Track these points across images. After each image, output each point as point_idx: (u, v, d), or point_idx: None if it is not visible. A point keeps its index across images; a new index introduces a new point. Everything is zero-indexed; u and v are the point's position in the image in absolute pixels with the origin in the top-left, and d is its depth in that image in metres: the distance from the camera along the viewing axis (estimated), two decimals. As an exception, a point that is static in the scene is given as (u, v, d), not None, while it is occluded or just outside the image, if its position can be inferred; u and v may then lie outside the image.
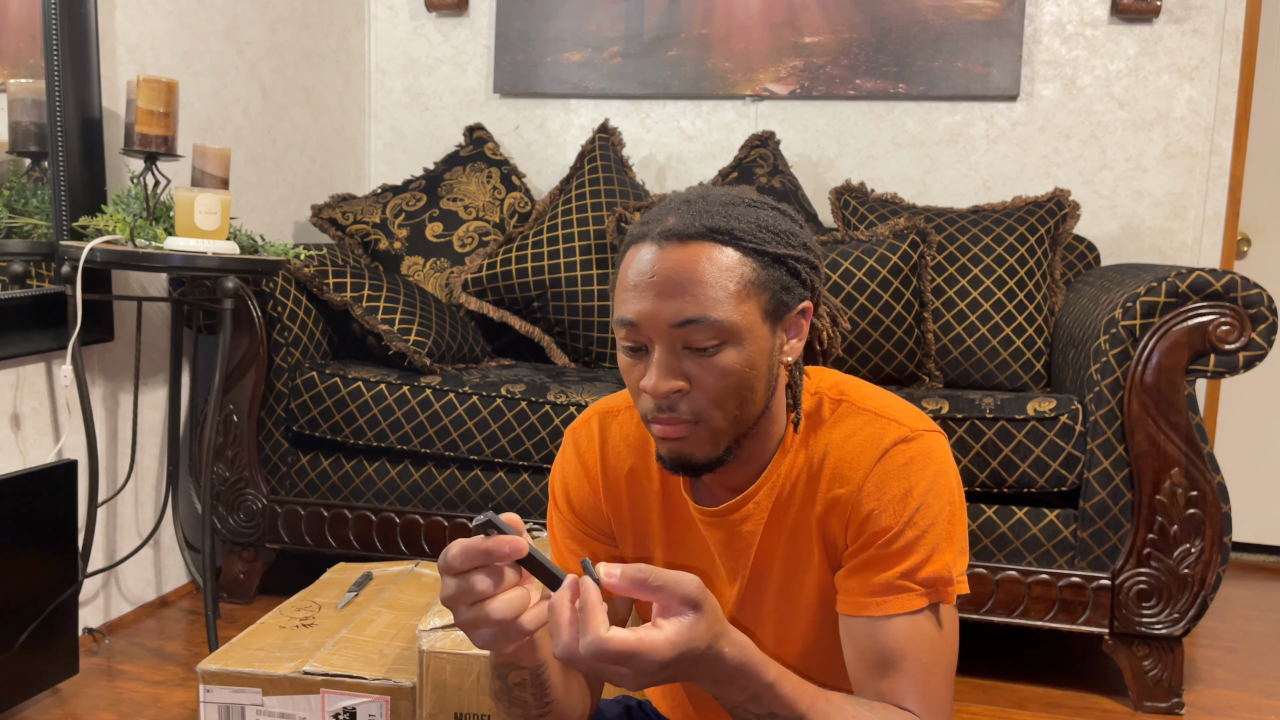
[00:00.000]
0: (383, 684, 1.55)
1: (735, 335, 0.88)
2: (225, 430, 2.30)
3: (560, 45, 3.04)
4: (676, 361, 0.89)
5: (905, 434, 0.94)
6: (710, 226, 0.89)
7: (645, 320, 0.88)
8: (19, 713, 1.81)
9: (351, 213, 2.73)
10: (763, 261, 0.89)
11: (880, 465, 0.93)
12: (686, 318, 0.87)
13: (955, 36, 2.79)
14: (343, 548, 2.30)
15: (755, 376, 0.90)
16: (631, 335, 0.90)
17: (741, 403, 0.90)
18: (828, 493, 0.96)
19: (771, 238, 0.90)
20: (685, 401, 0.89)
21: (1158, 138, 2.75)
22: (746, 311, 0.88)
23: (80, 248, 1.83)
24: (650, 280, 0.88)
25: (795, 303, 0.93)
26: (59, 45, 1.97)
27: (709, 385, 0.89)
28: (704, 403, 0.89)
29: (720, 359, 0.88)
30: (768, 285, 0.90)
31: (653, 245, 0.89)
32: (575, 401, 2.19)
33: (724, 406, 0.90)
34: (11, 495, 1.74)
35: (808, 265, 0.93)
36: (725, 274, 0.88)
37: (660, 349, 0.89)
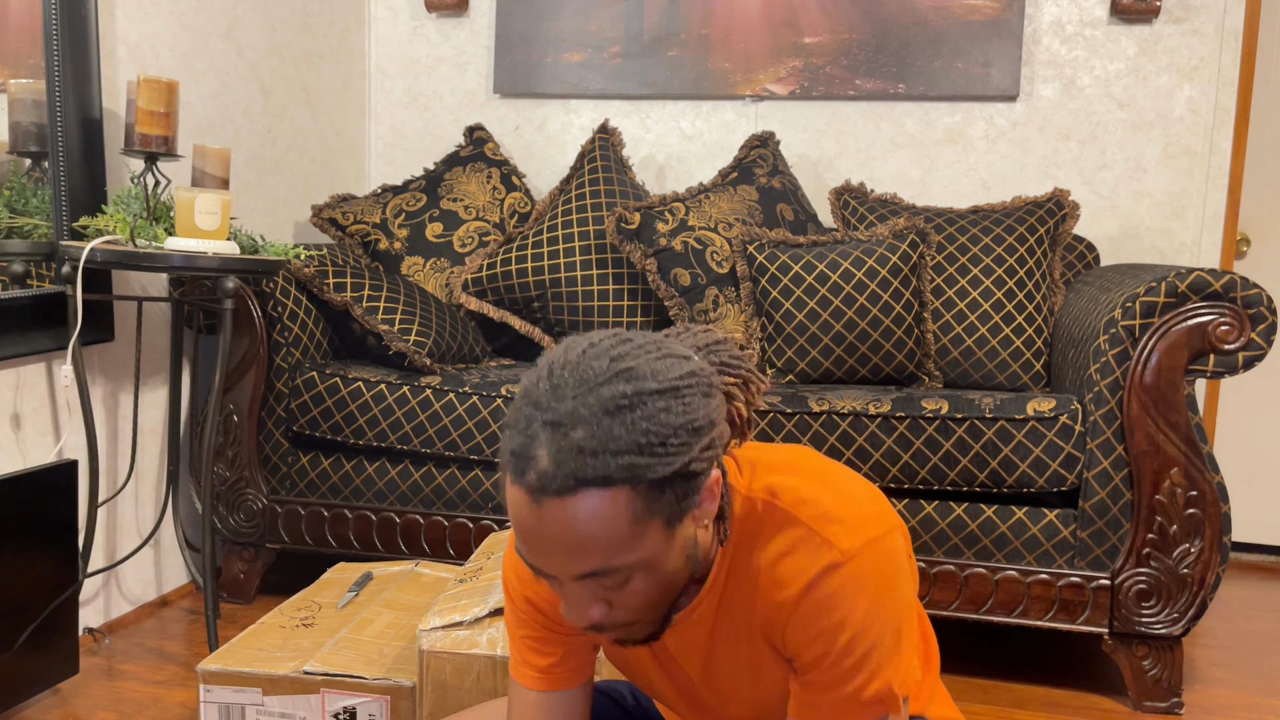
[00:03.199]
0: (383, 684, 1.55)
1: (642, 565, 0.84)
2: (225, 430, 2.30)
3: (560, 45, 3.05)
4: (591, 594, 0.86)
5: (835, 559, 0.88)
6: (581, 478, 0.79)
7: (548, 571, 0.85)
8: (19, 712, 1.81)
9: (351, 213, 2.73)
10: (651, 489, 0.81)
11: (808, 598, 0.89)
12: (587, 572, 0.83)
13: (955, 37, 2.80)
14: (343, 548, 2.30)
15: (675, 570, 0.87)
16: (538, 573, 0.87)
17: (665, 598, 0.89)
18: (765, 609, 0.93)
19: (650, 448, 0.80)
20: (609, 618, 0.88)
21: (1157, 138, 2.75)
22: (647, 543, 0.83)
23: (80, 248, 1.84)
24: (539, 539, 0.82)
25: (697, 493, 0.85)
26: (59, 45, 1.97)
27: (629, 605, 0.87)
28: (627, 614, 0.88)
29: (632, 587, 0.85)
30: (663, 506, 0.82)
31: (528, 499, 0.81)
32: (575, 401, 2.18)
33: (649, 607, 0.88)
34: (12, 495, 1.74)
35: (694, 455, 0.83)
36: (614, 523, 0.80)
37: (569, 587, 0.85)
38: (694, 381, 0.84)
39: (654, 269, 2.53)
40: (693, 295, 2.53)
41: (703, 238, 2.56)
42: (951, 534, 2.04)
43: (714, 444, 0.84)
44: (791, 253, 2.46)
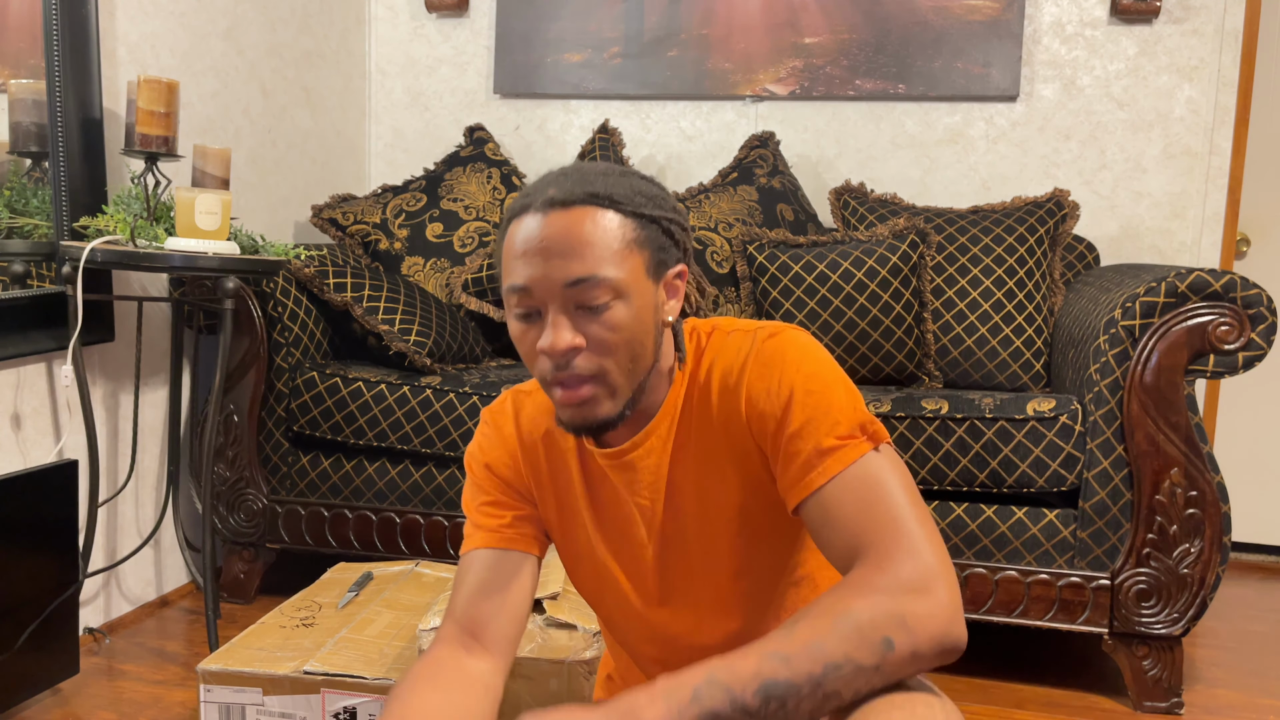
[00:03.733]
0: (383, 684, 1.55)
1: (623, 291, 0.93)
2: (226, 430, 2.30)
3: (560, 46, 3.05)
4: (570, 321, 0.93)
5: (771, 330, 1.00)
6: (590, 192, 0.94)
7: (537, 284, 0.92)
8: (19, 712, 1.81)
9: (352, 213, 2.73)
10: (641, 223, 0.95)
11: (752, 360, 0.98)
12: (577, 277, 0.91)
13: (955, 37, 2.80)
14: (343, 548, 2.30)
15: (644, 330, 0.95)
16: (524, 301, 0.94)
17: (634, 356, 0.95)
18: (720, 405, 1.00)
19: (646, 201, 0.96)
20: (582, 358, 0.94)
21: (1157, 138, 2.75)
22: (631, 269, 0.94)
23: (81, 248, 1.84)
24: (539, 245, 0.93)
25: (672, 262, 0.99)
26: (59, 45, 1.97)
27: (603, 340, 0.93)
28: (600, 358, 0.94)
29: (611, 315, 0.93)
30: (647, 244, 0.96)
31: (537, 214, 0.94)
32: (575, 401, 2.19)
33: (619, 359, 0.94)
34: (12, 495, 1.74)
35: (679, 228, 0.99)
36: (609, 234, 0.93)
37: (554, 310, 0.93)
38: (677, 206, 1.01)
39: (654, 269, 2.53)
40: (693, 295, 2.52)
41: (703, 238, 2.56)
42: (951, 534, 2.04)
43: (683, 244, 1.00)
44: (791, 253, 2.46)
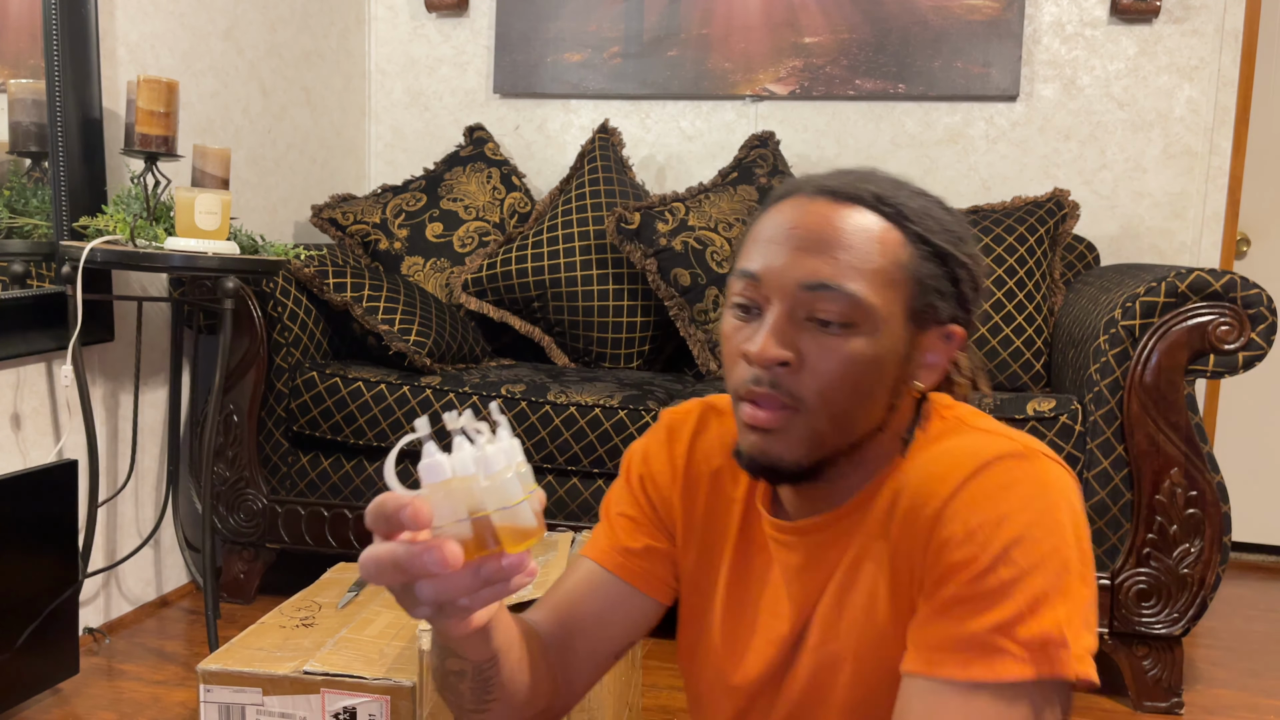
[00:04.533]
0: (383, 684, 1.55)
1: (869, 321, 0.74)
2: (225, 430, 2.30)
3: (560, 45, 3.04)
4: (793, 331, 0.74)
5: (1016, 450, 0.73)
6: (875, 193, 0.76)
7: (771, 275, 0.75)
8: (19, 713, 1.81)
9: (351, 213, 2.73)
10: (922, 250, 0.76)
11: (974, 481, 0.72)
12: (820, 281, 0.73)
13: (955, 37, 2.80)
14: (343, 548, 2.30)
15: (878, 381, 0.75)
16: (748, 291, 0.77)
17: (853, 406, 0.75)
18: (906, 514, 0.75)
19: (939, 229, 0.77)
20: (790, 379, 0.74)
21: (1157, 138, 2.75)
22: (889, 299, 0.74)
23: (80, 248, 1.84)
24: (789, 232, 0.75)
25: (944, 316, 0.78)
26: (59, 45, 1.97)
27: (823, 369, 0.74)
28: (811, 388, 0.74)
29: (843, 343, 0.73)
30: (921, 279, 0.76)
31: (802, 199, 0.77)
32: (575, 401, 2.19)
33: (832, 401, 0.74)
34: (12, 495, 1.74)
35: (970, 279, 0.79)
36: (877, 247, 0.74)
37: (778, 311, 0.75)
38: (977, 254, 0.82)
39: (654, 269, 2.53)
40: (693, 295, 2.53)
41: (703, 238, 2.56)
42: (951, 534, 2.03)
43: (966, 303, 0.80)
44: (791, 253, 2.46)
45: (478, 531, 0.57)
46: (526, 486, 0.59)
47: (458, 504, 0.57)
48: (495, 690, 0.78)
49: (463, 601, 0.62)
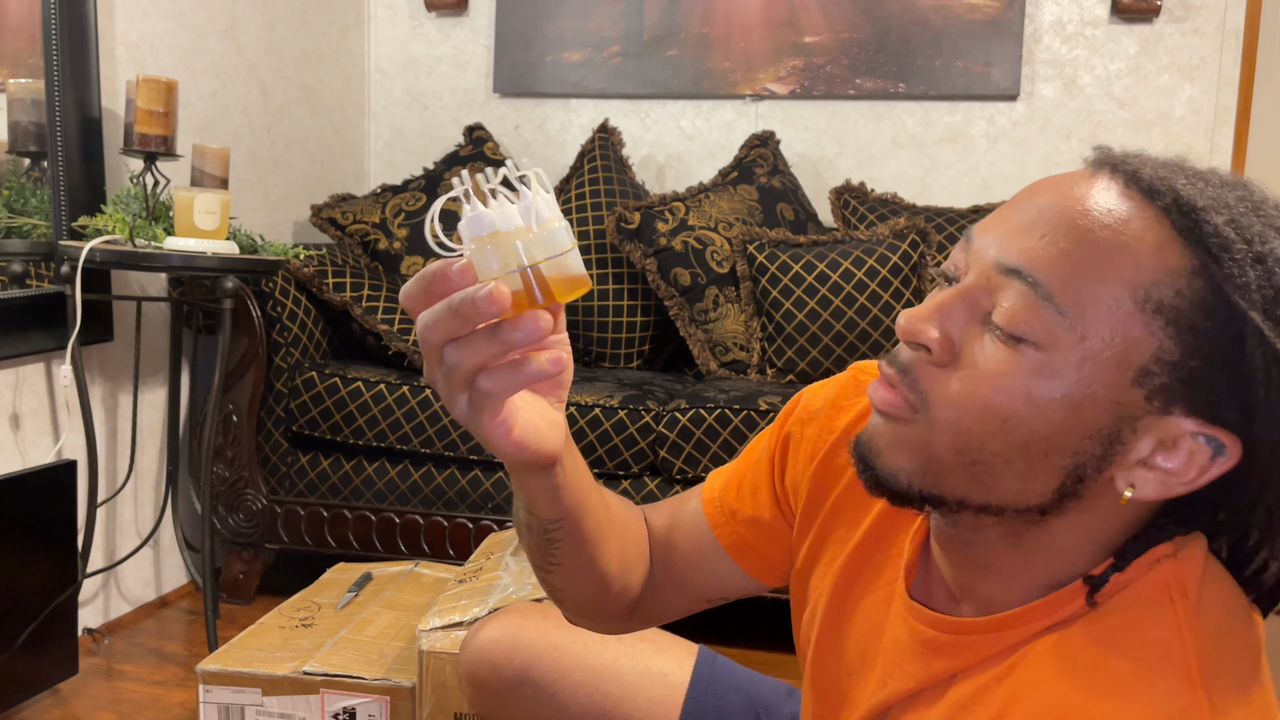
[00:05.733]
0: (382, 684, 1.55)
1: (1053, 345, 0.54)
2: (225, 430, 2.29)
3: (560, 45, 3.04)
4: (965, 317, 0.57)
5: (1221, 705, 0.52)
6: (1181, 197, 0.54)
7: (981, 241, 0.58)
8: (19, 713, 1.81)
9: (351, 213, 2.73)
10: (1204, 303, 0.53)
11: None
12: (1016, 265, 0.55)
13: (955, 36, 2.79)
14: (342, 548, 2.30)
15: (1040, 434, 0.55)
16: (958, 255, 0.60)
17: (989, 446, 0.56)
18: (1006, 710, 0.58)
19: (1267, 298, 0.52)
20: (926, 371, 0.58)
21: (1158, 137, 2.75)
22: (1109, 337, 0.53)
23: (80, 248, 1.83)
24: (1033, 199, 0.57)
25: (1201, 407, 0.54)
26: (58, 45, 1.97)
27: (969, 375, 0.56)
28: (945, 391, 0.57)
29: (1006, 355, 0.55)
30: (1184, 335, 0.53)
31: (1086, 170, 0.59)
32: (575, 401, 2.18)
33: (963, 421, 0.57)
34: (11, 495, 1.74)
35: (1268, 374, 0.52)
36: (1125, 257, 0.53)
37: (959, 287, 0.58)
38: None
39: (654, 269, 2.53)
40: (693, 295, 2.52)
41: (703, 237, 2.56)
42: (952, 534, 2.03)
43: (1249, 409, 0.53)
44: (791, 252, 2.46)
45: (526, 284, 0.54)
46: (565, 240, 0.55)
47: (506, 257, 0.54)
48: (560, 556, 0.72)
49: (484, 383, 0.54)
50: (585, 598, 0.79)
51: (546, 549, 0.72)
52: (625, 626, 0.86)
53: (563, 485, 0.67)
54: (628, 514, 0.83)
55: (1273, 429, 0.53)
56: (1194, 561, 0.58)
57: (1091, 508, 0.58)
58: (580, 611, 0.82)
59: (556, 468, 0.65)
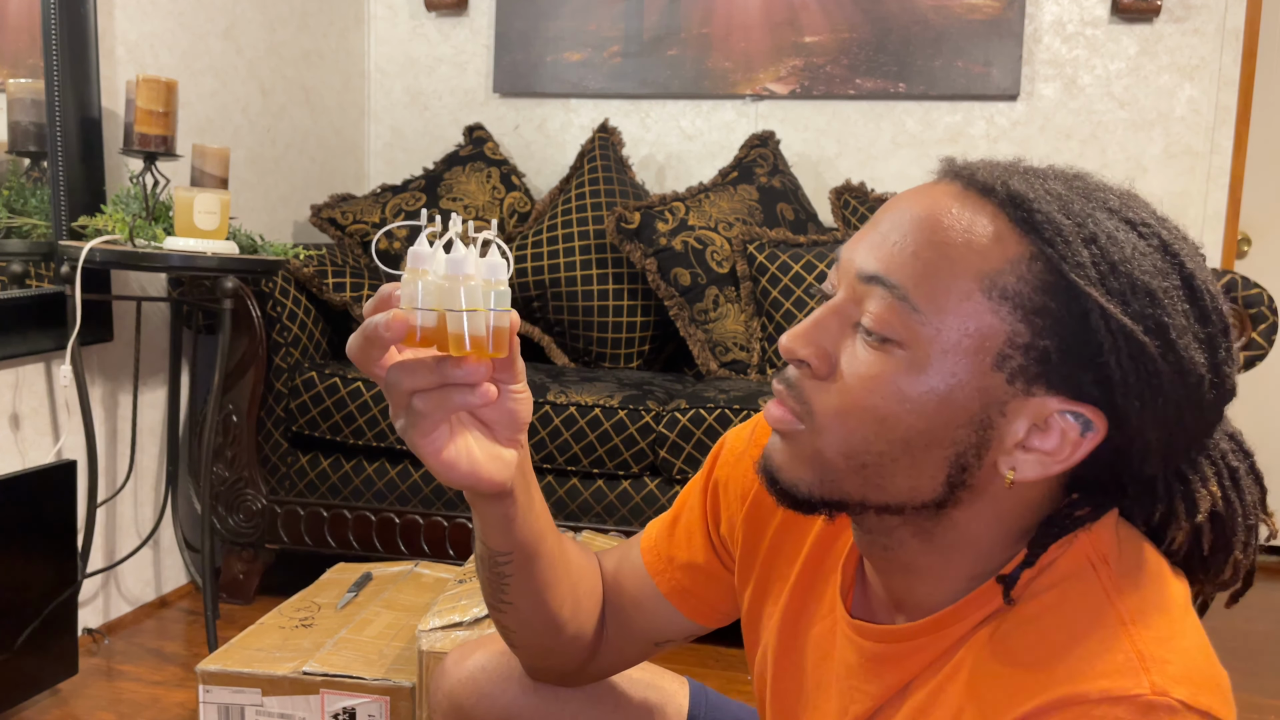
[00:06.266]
0: (382, 684, 1.55)
1: (918, 344, 0.57)
2: (225, 430, 2.29)
3: (560, 45, 3.04)
4: (837, 330, 0.61)
5: (1138, 690, 0.53)
6: (1015, 193, 0.58)
7: (844, 257, 0.63)
8: (19, 713, 1.81)
9: (351, 212, 2.73)
10: (1045, 285, 0.56)
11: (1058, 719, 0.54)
12: (873, 271, 0.59)
13: (955, 36, 2.79)
14: (342, 548, 2.30)
15: (918, 430, 0.58)
16: (833, 273, 0.64)
17: (875, 448, 0.59)
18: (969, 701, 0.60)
19: (1110, 271, 0.56)
20: (808, 384, 0.62)
21: (1158, 137, 2.75)
22: (965, 330, 0.57)
23: (79, 248, 1.83)
24: (887, 212, 0.61)
25: (1060, 385, 0.57)
26: (58, 45, 1.97)
27: (845, 384, 0.60)
28: (826, 402, 0.60)
29: (880, 359, 0.58)
30: (1034, 319, 0.56)
31: (934, 180, 0.62)
32: (575, 401, 2.18)
33: (846, 428, 0.60)
34: (11, 495, 1.74)
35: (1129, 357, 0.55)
36: (975, 256, 0.57)
37: (832, 303, 0.62)
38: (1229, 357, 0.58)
39: (654, 269, 2.53)
40: (693, 295, 2.52)
41: (703, 237, 2.56)
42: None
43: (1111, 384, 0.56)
44: (792, 252, 2.46)
45: (439, 326, 0.60)
46: (497, 304, 0.60)
47: (429, 296, 0.60)
48: (511, 594, 0.76)
49: (417, 403, 0.61)
50: (537, 640, 0.82)
51: (497, 583, 0.76)
52: (579, 676, 0.89)
53: (513, 519, 0.71)
54: (585, 562, 0.86)
55: (1132, 398, 0.56)
56: (1106, 530, 0.62)
57: (986, 495, 0.61)
58: (535, 656, 0.85)
59: (507, 500, 0.70)
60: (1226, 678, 0.57)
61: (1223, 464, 0.64)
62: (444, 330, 0.59)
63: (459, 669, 0.93)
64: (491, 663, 0.92)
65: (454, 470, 0.64)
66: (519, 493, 0.71)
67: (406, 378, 0.61)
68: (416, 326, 0.59)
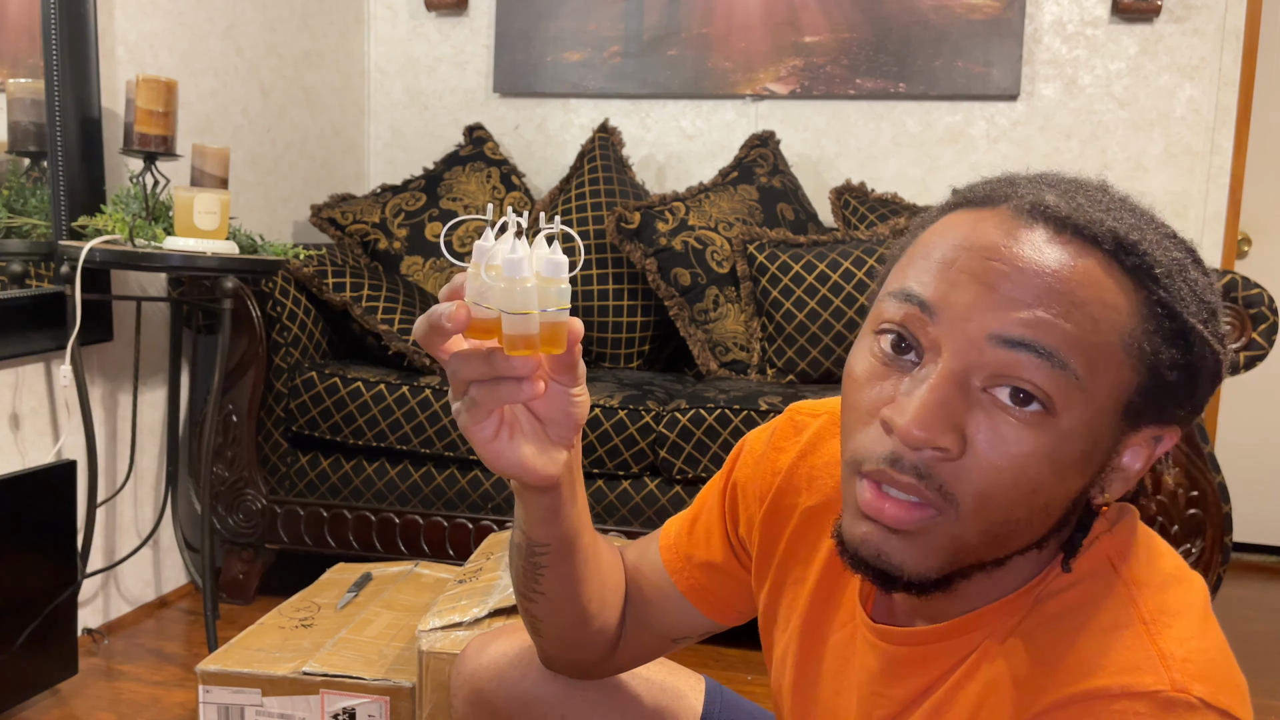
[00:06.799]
0: (382, 684, 1.55)
1: (1072, 409, 0.55)
2: (225, 430, 2.29)
3: (560, 45, 3.04)
4: (962, 404, 0.55)
5: (1159, 686, 0.54)
6: (1120, 236, 0.56)
7: (951, 313, 0.55)
8: (19, 713, 1.81)
9: (351, 212, 2.73)
10: (1163, 327, 0.56)
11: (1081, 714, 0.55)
12: (1026, 339, 0.54)
13: (955, 36, 2.79)
14: (342, 548, 2.30)
15: (1060, 489, 0.57)
16: (912, 324, 0.57)
17: (1020, 516, 0.57)
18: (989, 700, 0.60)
19: (1193, 299, 0.57)
20: (945, 470, 0.56)
21: (1158, 137, 2.74)
22: (1106, 384, 0.55)
23: (79, 247, 1.83)
24: (987, 262, 0.55)
25: (1158, 414, 0.58)
26: (58, 45, 1.96)
27: (994, 464, 0.55)
28: (971, 487, 0.55)
29: (1033, 433, 0.54)
30: (1155, 364, 0.56)
31: (1010, 216, 0.57)
32: (575, 401, 2.18)
33: (995, 508, 0.56)
34: (11, 495, 1.74)
35: (1212, 372, 0.58)
36: (1107, 311, 0.55)
37: (948, 369, 0.55)
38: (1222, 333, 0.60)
39: (654, 269, 2.53)
40: (693, 295, 2.52)
41: (703, 237, 2.56)
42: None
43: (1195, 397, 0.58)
44: (792, 252, 2.46)
45: (496, 320, 0.61)
46: (557, 301, 0.61)
47: (486, 293, 0.61)
48: (544, 585, 0.78)
49: (474, 392, 0.63)
50: (563, 632, 0.83)
51: (532, 573, 0.78)
52: (598, 669, 0.90)
53: (555, 511, 0.73)
54: (613, 557, 0.88)
55: (1200, 411, 0.60)
56: (1128, 533, 0.63)
57: (1069, 522, 0.61)
58: (558, 647, 0.86)
59: (553, 494, 0.72)
60: (1244, 681, 0.58)
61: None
62: (499, 326, 0.61)
63: (481, 655, 0.95)
64: (513, 649, 0.94)
65: (500, 459, 0.66)
66: (565, 488, 0.72)
67: (463, 367, 0.63)
68: (475, 319, 0.61)
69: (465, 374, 0.63)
